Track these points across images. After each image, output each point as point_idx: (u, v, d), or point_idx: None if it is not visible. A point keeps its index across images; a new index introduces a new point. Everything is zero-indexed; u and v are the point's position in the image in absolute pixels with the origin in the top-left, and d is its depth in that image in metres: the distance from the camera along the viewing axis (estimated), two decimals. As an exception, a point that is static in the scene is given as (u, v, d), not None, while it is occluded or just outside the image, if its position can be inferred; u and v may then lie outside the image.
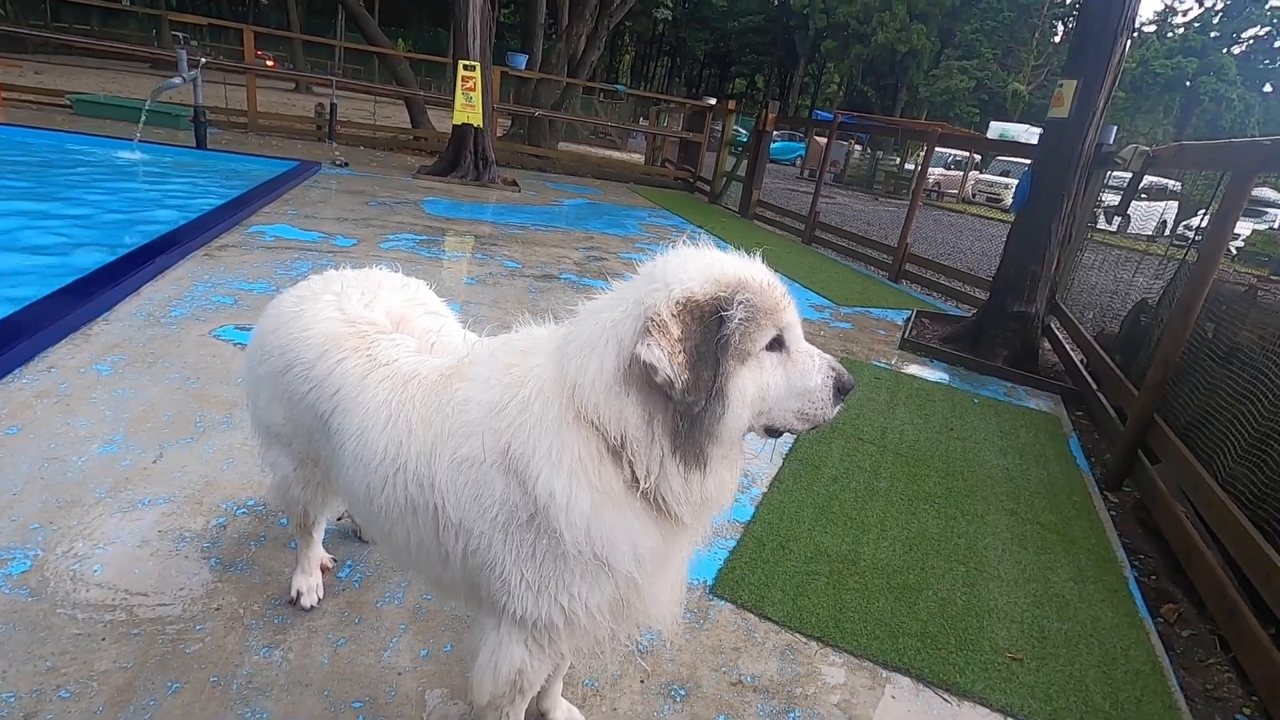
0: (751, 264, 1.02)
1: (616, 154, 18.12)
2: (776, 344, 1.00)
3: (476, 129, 8.61)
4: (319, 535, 1.73)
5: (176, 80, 7.34)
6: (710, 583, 2.03)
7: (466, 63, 8.27)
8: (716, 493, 1.03)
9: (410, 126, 11.89)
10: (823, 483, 2.71)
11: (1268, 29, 39.00)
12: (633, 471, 0.99)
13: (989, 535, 2.55)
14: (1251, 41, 39.65)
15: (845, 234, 8.24)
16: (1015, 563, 2.40)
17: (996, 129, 22.29)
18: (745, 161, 10.32)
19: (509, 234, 6.21)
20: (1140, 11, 4.58)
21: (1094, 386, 4.17)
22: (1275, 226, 20.32)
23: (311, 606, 1.69)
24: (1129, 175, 4.91)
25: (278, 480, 1.55)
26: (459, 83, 8.35)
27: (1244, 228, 20.21)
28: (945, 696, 1.77)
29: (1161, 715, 1.83)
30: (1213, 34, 39.06)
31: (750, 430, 1.03)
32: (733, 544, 2.22)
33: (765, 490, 2.58)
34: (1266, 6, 37.71)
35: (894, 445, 3.17)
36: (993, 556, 2.41)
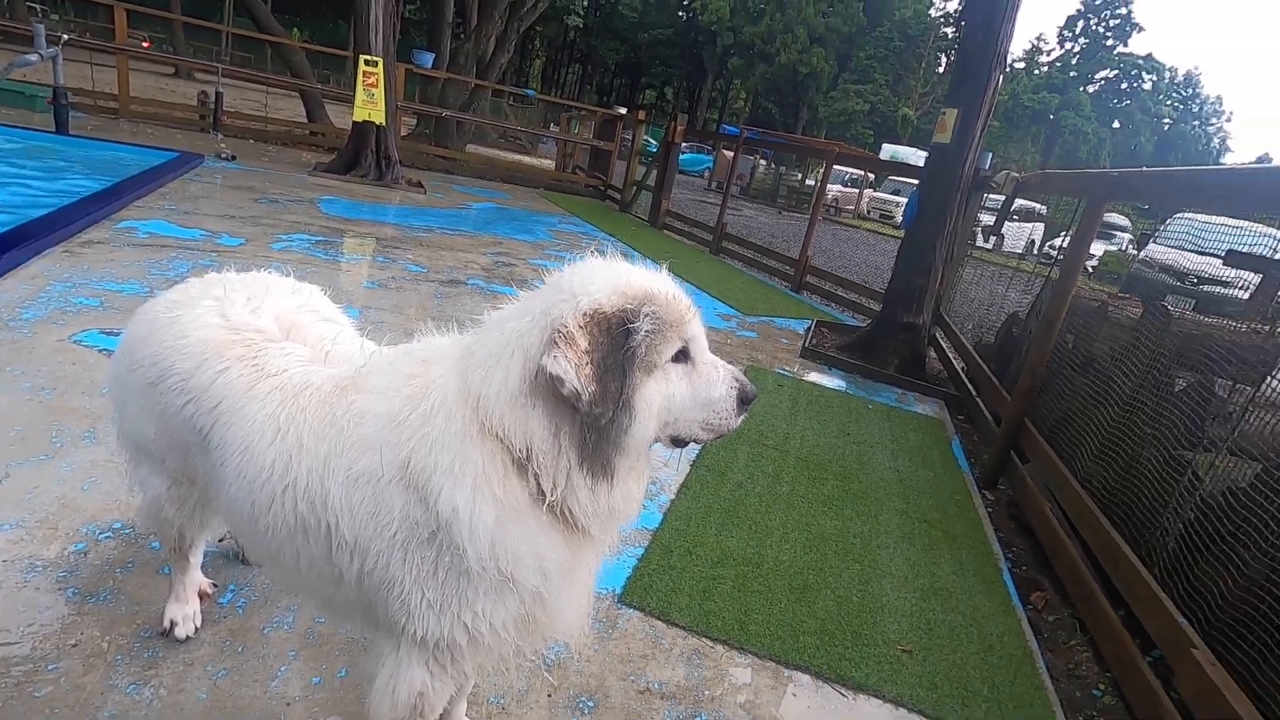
0: (658, 276, 1.03)
1: (526, 159, 17.94)
2: (682, 355, 1.01)
3: (379, 127, 8.28)
4: (196, 559, 1.60)
5: (32, 57, 6.61)
6: (619, 591, 2.03)
7: (368, 58, 7.94)
8: (624, 504, 1.03)
9: (306, 121, 11.28)
10: (729, 488, 2.78)
11: (1115, 72, 43.76)
12: (538, 484, 0.97)
13: (882, 534, 2.69)
14: (1103, 82, 44.35)
15: (751, 245, 8.52)
16: (905, 559, 2.55)
17: (888, 151, 23.78)
18: (655, 171, 10.47)
19: (413, 237, 6.00)
20: (1012, 48, 5.02)
21: (973, 392, 4.50)
22: (1123, 248, 22.79)
23: (187, 637, 1.56)
24: (1002, 198, 5.37)
25: (148, 500, 1.42)
26: (360, 78, 8.01)
27: (1098, 249, 22.62)
28: (842, 691, 1.85)
29: (1031, 696, 1.99)
30: (1072, 74, 43.39)
31: (657, 440, 1.04)
32: (641, 551, 2.23)
33: (673, 497, 2.62)
34: (1115, 52, 42.29)
35: (795, 450, 3.30)
36: (885, 554, 2.55)
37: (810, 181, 25.01)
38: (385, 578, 1.03)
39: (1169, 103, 48.41)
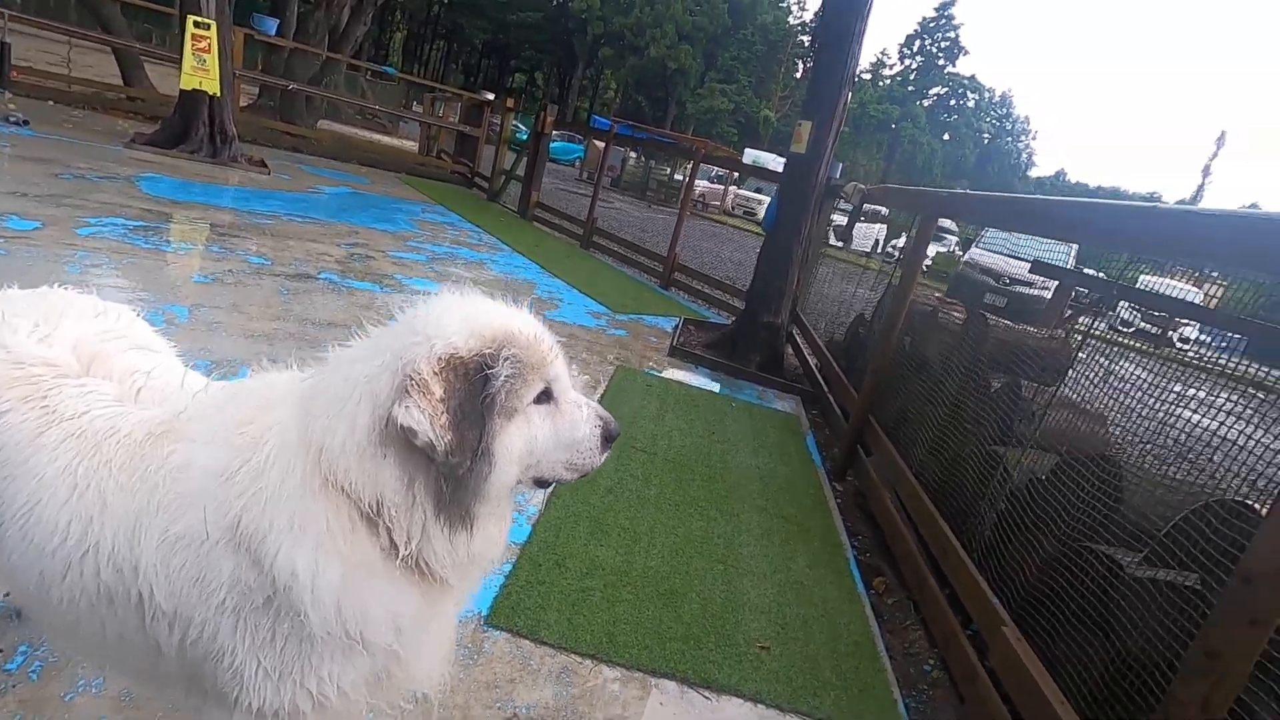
0: (519, 315, 1.00)
1: (386, 139, 16.93)
2: (545, 396, 0.99)
3: (212, 98, 7.44)
4: (-27, 623, 1.36)
5: None
6: (485, 614, 1.97)
7: (199, 19, 7.10)
8: (485, 549, 0.99)
9: (122, 83, 9.91)
10: (598, 495, 2.79)
11: (946, 89, 48.53)
12: (390, 538, 0.91)
13: (744, 533, 2.83)
14: (935, 98, 49.04)
15: (621, 241, 8.59)
16: (764, 556, 2.69)
17: (750, 155, 24.92)
18: (524, 161, 10.26)
19: (255, 224, 5.47)
20: (861, 62, 5.41)
21: (825, 389, 4.84)
22: (951, 249, 25.52)
23: (-38, 716, 1.33)
24: (850, 206, 5.79)
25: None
26: (188, 41, 7.14)
27: (931, 250, 25.16)
28: (706, 694, 1.92)
29: (873, 679, 2.18)
30: (910, 88, 47.54)
31: (518, 483, 1.01)
32: (509, 568, 2.19)
33: (542, 508, 2.59)
34: (945, 71, 46.83)
35: (664, 452, 3.37)
36: (747, 553, 2.68)
37: (679, 176, 25.66)
38: (213, 648, 0.93)
39: (988, 119, 54.55)
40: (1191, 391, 2.23)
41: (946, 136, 50.58)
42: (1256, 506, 1.63)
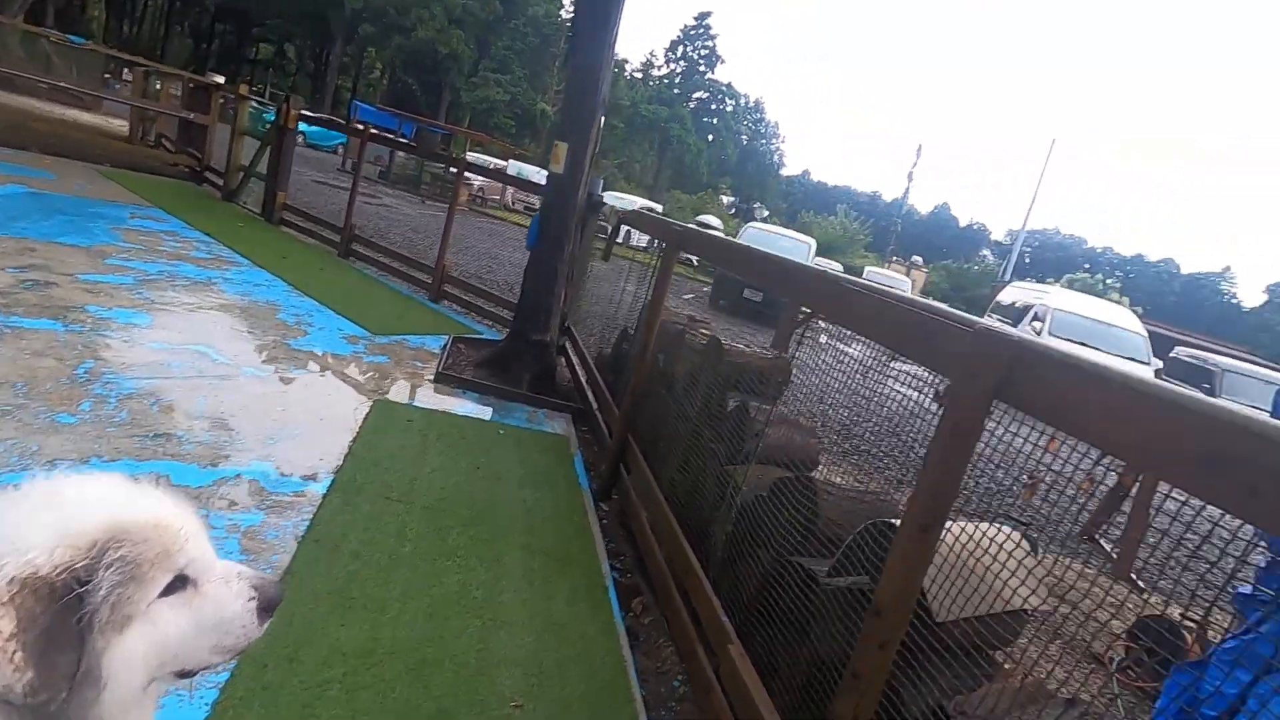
0: (136, 499, 0.87)
1: (86, 117, 14.04)
2: (179, 583, 0.88)
3: None
4: None
5: None
6: (191, 744, 1.74)
7: None
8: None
9: None
10: (343, 562, 2.60)
11: (707, 94, 52.48)
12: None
13: (504, 579, 2.82)
14: (699, 101, 52.85)
15: (385, 250, 8.06)
16: (523, 601, 2.71)
17: (515, 167, 24.83)
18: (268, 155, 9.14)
19: None
20: (631, 60, 5.64)
21: (595, 406, 5.00)
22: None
23: None
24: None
25: None
26: None
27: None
28: (454, 774, 1.89)
29: (623, 710, 2.31)
30: (676, 90, 50.65)
31: (154, 682, 0.89)
32: (225, 678, 1.95)
33: (273, 591, 2.34)
34: (706, 77, 50.61)
35: (422, 498, 3.24)
36: (506, 601, 2.68)
37: (454, 170, 24.72)
38: None
39: (745, 123, 60.24)
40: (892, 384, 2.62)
41: (711, 137, 54.89)
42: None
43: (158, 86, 12.99)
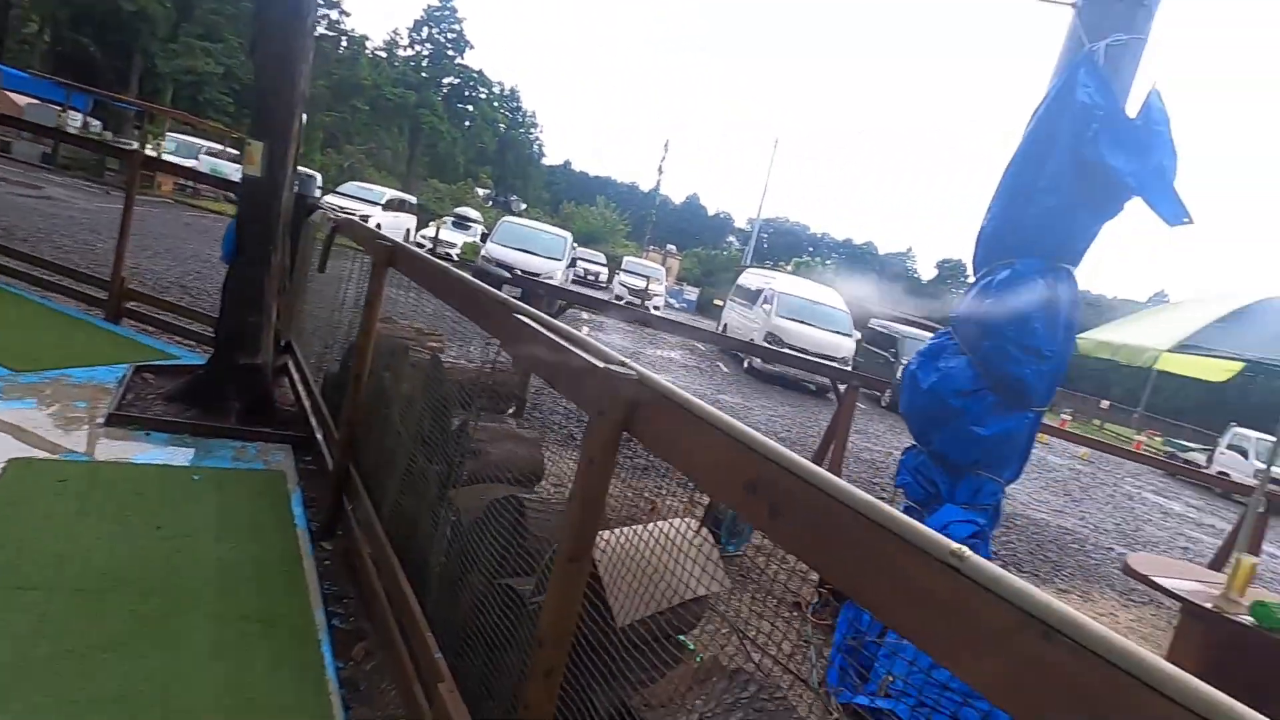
0: None
1: None
2: None
3: None
4: None
5: None
6: None
7: None
8: None
9: None
10: (-61, 689, 2.06)
11: (459, 80, 50.74)
12: None
13: (187, 664, 2.45)
14: (450, 87, 50.88)
15: (39, 262, 6.53)
16: (212, 683, 2.39)
17: (209, 164, 21.83)
18: None
19: None
20: (372, 38, 5.14)
21: (317, 433, 4.58)
22: (478, 238, 27.13)
23: None
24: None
25: None
26: None
27: (458, 239, 26.30)
28: None
29: (329, 780, 2.15)
30: (424, 75, 48.18)
31: None
32: None
33: None
34: (455, 62, 48.88)
35: (73, 579, 2.69)
36: (191, 691, 2.34)
37: (151, 150, 20.93)
38: None
39: (502, 111, 59.32)
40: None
41: (468, 124, 53.21)
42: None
43: None
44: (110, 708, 2.18)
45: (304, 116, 4.88)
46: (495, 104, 57.03)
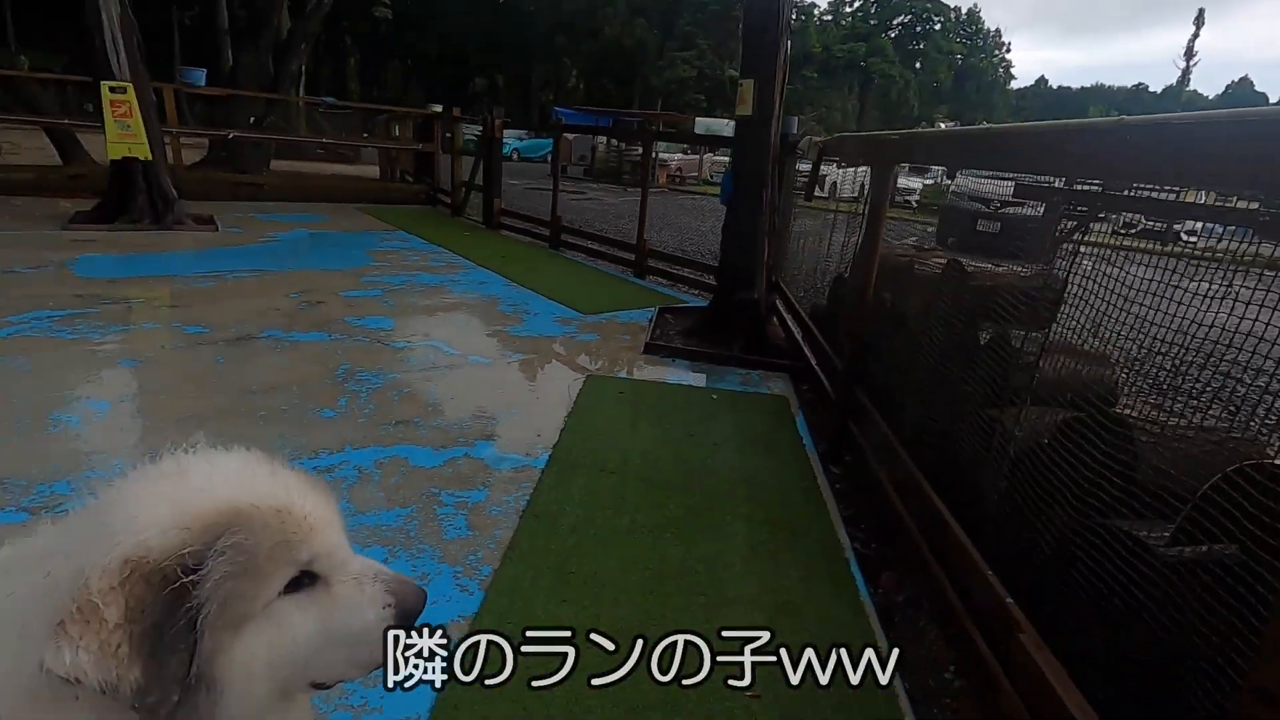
0: (261, 479, 0.72)
1: (348, 170, 16.62)
2: (307, 578, 0.73)
3: (145, 162, 7.19)
4: None
5: None
6: (423, 721, 1.73)
7: (113, 84, 6.83)
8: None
9: (60, 162, 9.67)
10: (561, 536, 2.54)
11: (910, 17, 47.24)
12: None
13: (729, 551, 2.56)
14: (900, 28, 47.78)
15: (590, 236, 8.29)
16: (751, 576, 2.43)
17: (703, 124, 24.25)
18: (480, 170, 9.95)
19: (195, 289, 5.23)
20: (818, 2, 5.05)
21: (813, 362, 4.54)
22: (939, 180, 24.79)
23: None
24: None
25: None
26: (108, 108, 6.88)
27: (916, 184, 24.50)
28: (687, 772, 1.68)
29: (882, 706, 1.92)
30: (872, 22, 46.30)
31: (286, 693, 0.75)
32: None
33: (497, 566, 2.34)
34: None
35: (637, 470, 3.11)
36: (731, 575, 2.42)
37: (654, 155, 25.14)
38: None
39: (958, 40, 53.16)
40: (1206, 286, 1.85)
41: (919, 65, 49.37)
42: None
43: (395, 130, 14.89)
44: (674, 579, 2.37)
45: (789, 45, 4.84)
46: (950, 34, 51.38)
